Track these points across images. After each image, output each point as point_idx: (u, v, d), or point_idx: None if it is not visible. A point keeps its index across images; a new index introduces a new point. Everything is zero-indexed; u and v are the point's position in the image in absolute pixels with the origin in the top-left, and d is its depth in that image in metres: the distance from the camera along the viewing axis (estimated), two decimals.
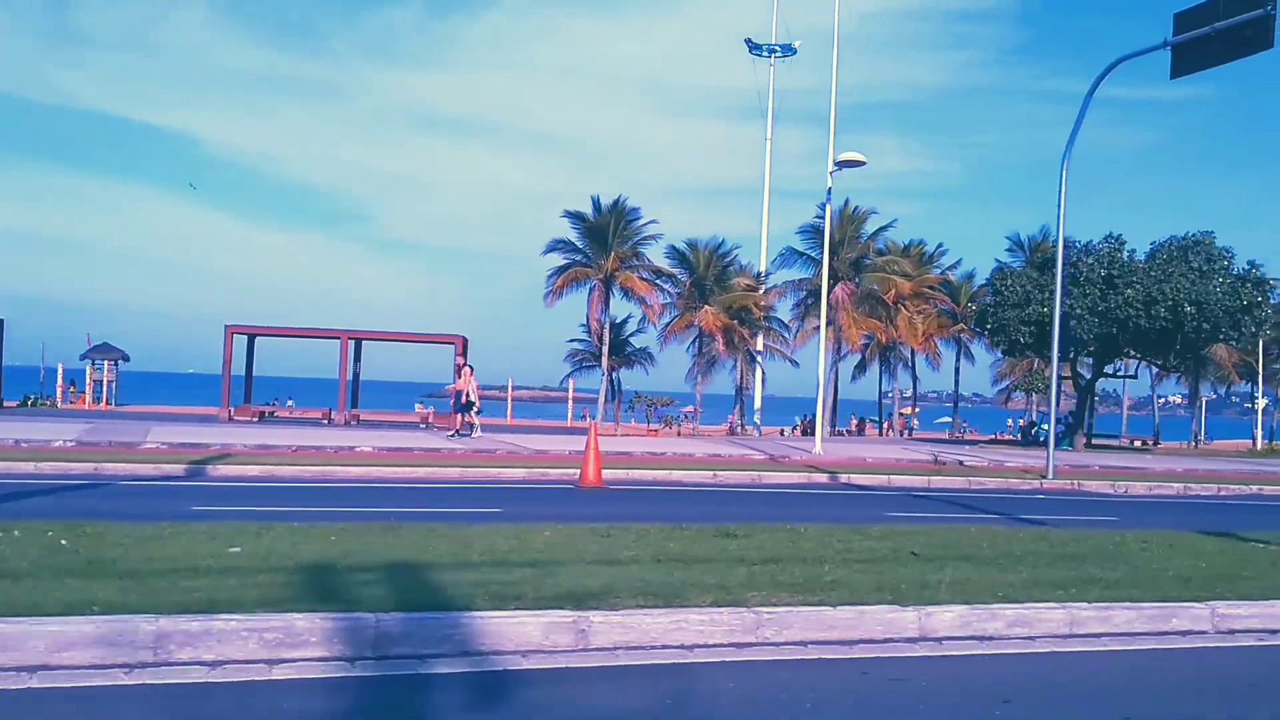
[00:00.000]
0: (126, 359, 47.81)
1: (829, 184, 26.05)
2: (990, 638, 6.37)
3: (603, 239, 46.74)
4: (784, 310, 52.25)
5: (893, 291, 51.71)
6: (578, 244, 47.17)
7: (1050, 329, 31.11)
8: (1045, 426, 40.56)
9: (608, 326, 47.83)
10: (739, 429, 51.70)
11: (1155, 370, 35.16)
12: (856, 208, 47.88)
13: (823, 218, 48.17)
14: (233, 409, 30.38)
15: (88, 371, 45.40)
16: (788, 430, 53.34)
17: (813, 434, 30.62)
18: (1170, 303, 31.09)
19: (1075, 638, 6.54)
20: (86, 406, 42.02)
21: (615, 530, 8.57)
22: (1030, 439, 39.28)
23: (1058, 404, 20.33)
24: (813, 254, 49.95)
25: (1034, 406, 63.93)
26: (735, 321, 54.76)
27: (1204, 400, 63.96)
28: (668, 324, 52.54)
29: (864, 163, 23.49)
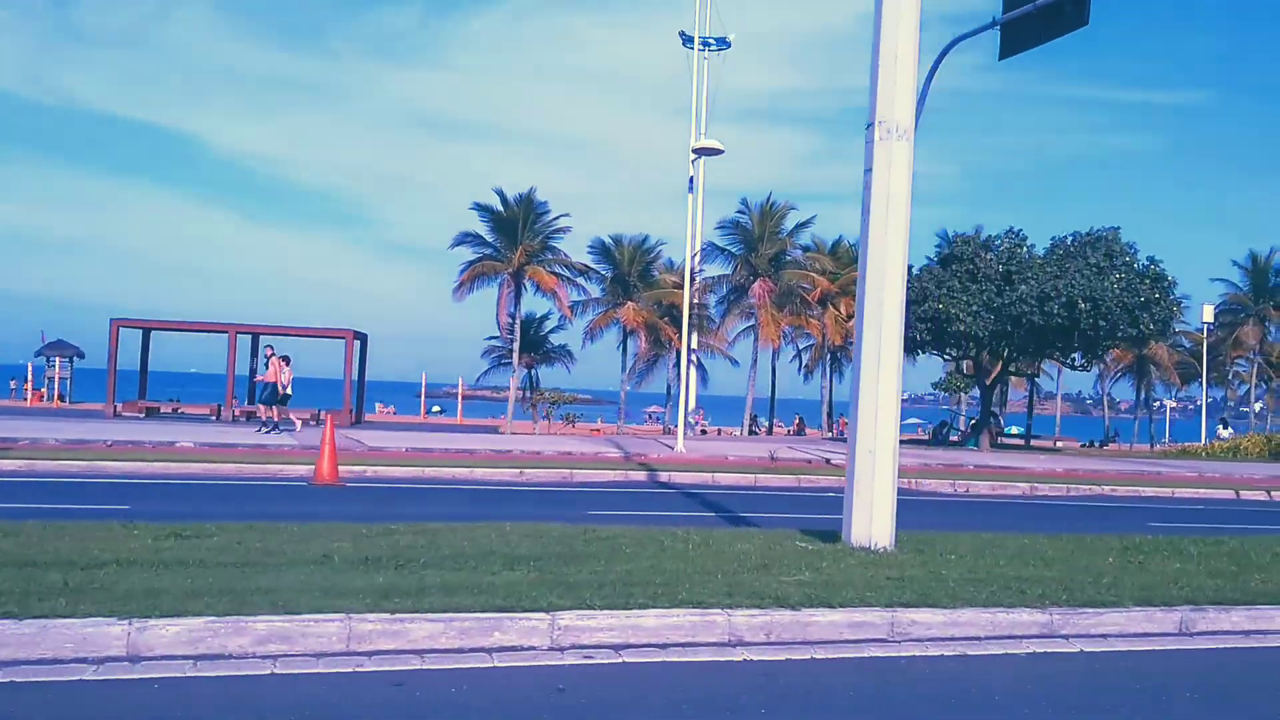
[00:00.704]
0: (81, 355, 47.94)
1: (690, 172, 25.70)
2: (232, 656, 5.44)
3: (512, 232, 46.22)
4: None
5: (818, 290, 51.69)
6: (487, 238, 46.65)
7: (947, 325, 31.81)
8: (957, 425, 40.57)
9: (518, 322, 47.30)
10: (670, 429, 51.40)
11: (1079, 369, 34.70)
12: (775, 203, 47.58)
13: (745, 213, 49.22)
14: (120, 404, 30.69)
15: (46, 369, 46.28)
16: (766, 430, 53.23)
17: (802, 434, 29.43)
18: (1065, 299, 30.65)
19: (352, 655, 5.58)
20: (40, 404, 43.65)
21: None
22: (940, 439, 38.99)
23: (898, 404, 19.28)
24: (733, 249, 49.62)
25: (969, 405, 64.08)
26: (665, 319, 55.07)
27: (1166, 404, 64.45)
28: (592, 321, 52.60)
29: (721, 150, 23.47)
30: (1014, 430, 50.23)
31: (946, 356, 38.00)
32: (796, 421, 58.99)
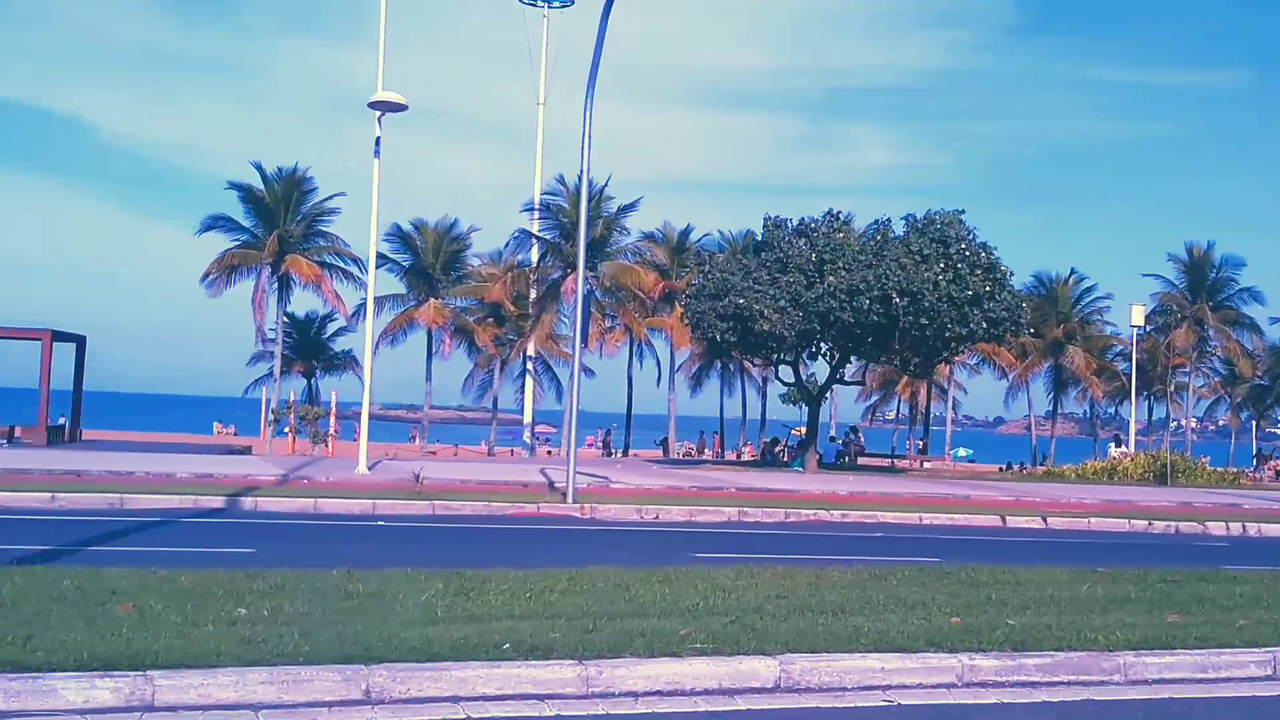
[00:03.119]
0: None
1: (377, 132, 23.10)
2: None
3: (273, 215, 43.10)
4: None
5: (658, 286, 50.38)
6: (243, 222, 43.50)
7: (752, 322, 30.26)
8: (789, 444, 39.35)
9: (280, 321, 44.17)
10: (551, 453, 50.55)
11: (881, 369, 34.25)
12: (592, 181, 45.41)
13: (560, 194, 47.18)
14: None
15: None
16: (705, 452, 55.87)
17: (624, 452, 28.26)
18: (877, 293, 29.35)
19: None
20: None
21: None
22: (770, 458, 37.53)
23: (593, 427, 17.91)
24: (548, 236, 47.50)
25: (888, 421, 63.44)
26: (484, 320, 53.58)
27: (1185, 423, 63.47)
28: (389, 323, 50.49)
29: (405, 106, 21.38)
30: (909, 448, 50.08)
31: (755, 362, 37.09)
32: (689, 446, 59.18)
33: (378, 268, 47.52)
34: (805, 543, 16.26)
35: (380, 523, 16.28)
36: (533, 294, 50.09)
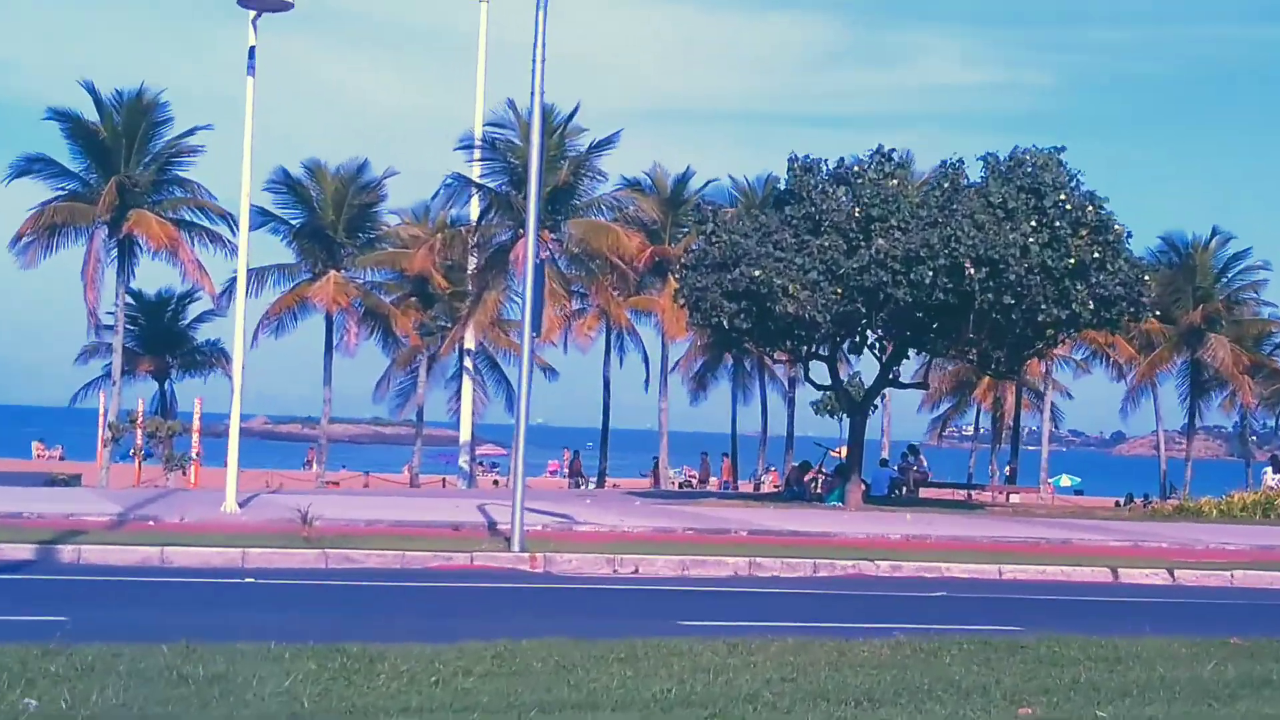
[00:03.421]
0: None
1: (251, 39, 23.25)
2: None
3: (110, 156, 43.11)
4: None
5: (644, 254, 50.66)
6: (69, 164, 43.56)
7: (772, 303, 30.43)
8: (824, 470, 39.60)
9: (121, 302, 44.19)
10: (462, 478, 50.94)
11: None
12: (553, 106, 45.62)
13: (512, 126, 47.25)
14: None
15: None
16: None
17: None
18: (944, 261, 29.51)
19: None
20: None
21: None
22: (799, 490, 37.78)
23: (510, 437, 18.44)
24: (493, 184, 47.64)
25: (889, 438, 63.83)
26: (406, 300, 53.76)
27: None
28: (277, 302, 50.62)
29: (290, 3, 21.92)
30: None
31: (777, 357, 37.24)
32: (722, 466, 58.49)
33: (256, 228, 47.90)
34: (837, 605, 16.31)
35: (250, 579, 16.30)
36: (472, 263, 50.09)
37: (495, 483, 60.50)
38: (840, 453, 45.96)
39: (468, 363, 51.78)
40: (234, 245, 42.56)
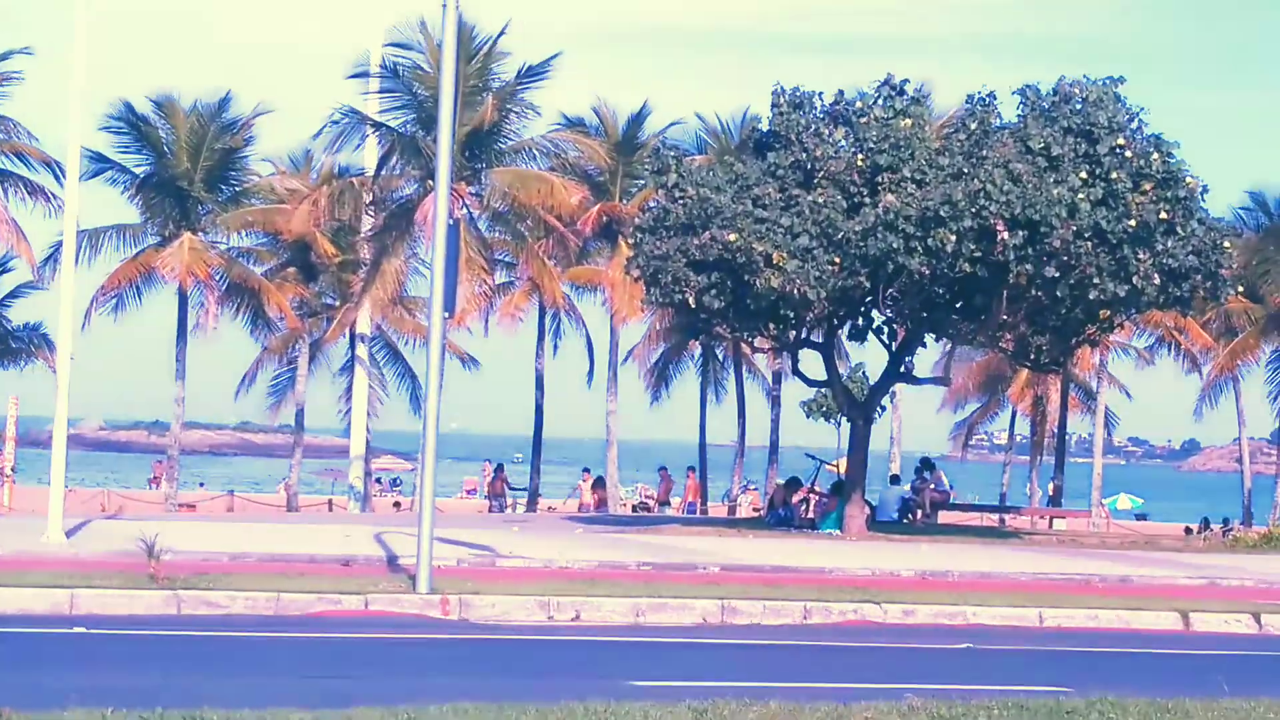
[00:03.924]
0: None
1: None
2: None
3: None
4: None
5: (597, 211, 50.93)
6: None
7: (751, 274, 30.60)
8: (818, 489, 39.72)
9: None
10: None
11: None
12: (471, 24, 45.64)
13: (418, 47, 47.19)
14: None
15: None
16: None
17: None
18: (971, 223, 29.80)
19: None
20: None
21: None
22: (786, 514, 37.88)
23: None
24: (396, 122, 47.68)
25: (898, 448, 64.24)
26: (287, 268, 53.67)
27: None
28: (115, 273, 50.49)
29: None
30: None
31: (758, 344, 37.39)
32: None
33: (90, 177, 47.97)
34: (834, 661, 16.35)
35: (81, 629, 16.24)
36: (367, 225, 50.12)
37: (396, 505, 60.58)
38: (838, 466, 46.10)
39: (361, 351, 51.76)
40: (60, 200, 42.46)
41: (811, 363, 37.60)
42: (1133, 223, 30.33)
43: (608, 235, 52.13)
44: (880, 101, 32.56)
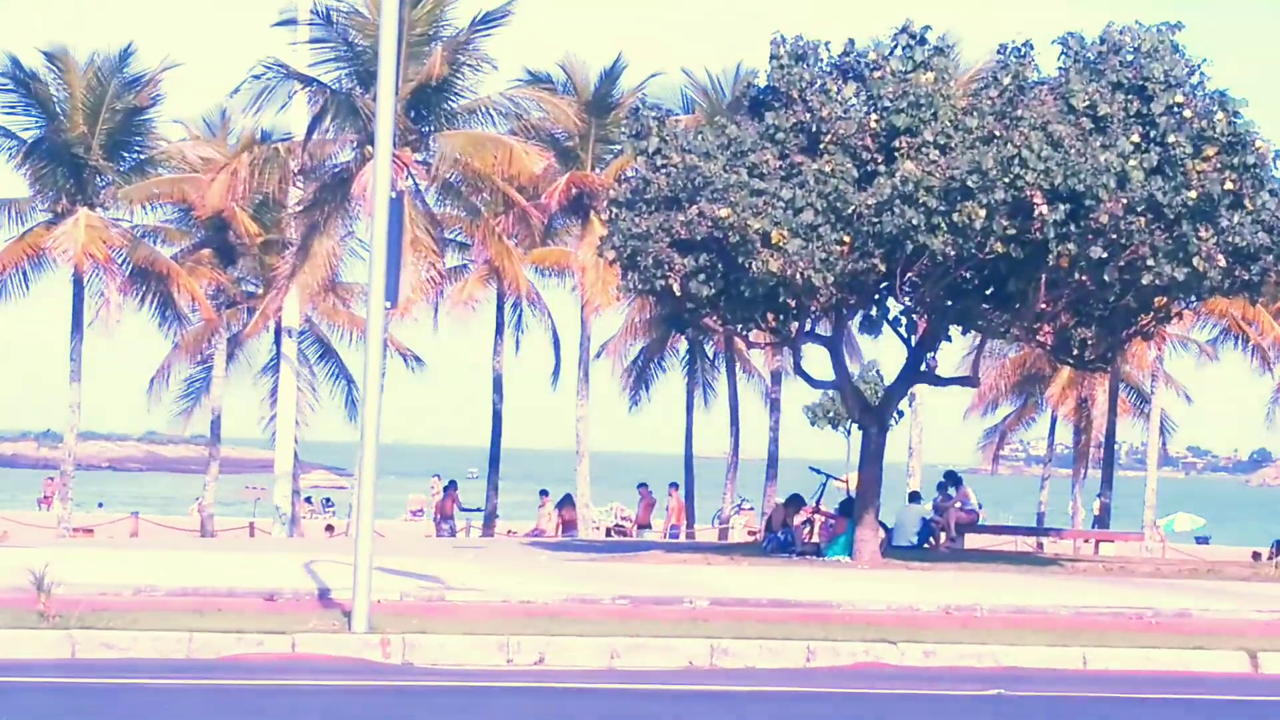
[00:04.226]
0: None
1: None
2: None
3: None
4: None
5: (565, 183, 51.09)
6: None
7: (746, 256, 30.69)
8: (824, 509, 39.80)
9: None
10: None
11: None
12: None
13: None
14: None
15: None
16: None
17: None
18: (1003, 195, 30.04)
19: None
20: None
21: None
22: (786, 539, 38.01)
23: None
24: (329, 77, 47.89)
25: (917, 464, 64.42)
26: (201, 250, 53.68)
27: None
28: None
29: None
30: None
31: (753, 338, 37.50)
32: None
33: None
34: (841, 710, 16.36)
35: None
36: (294, 199, 50.08)
37: (329, 529, 60.61)
38: (847, 482, 46.18)
39: (288, 348, 51.73)
40: None
41: (817, 360, 37.73)
42: (1193, 194, 30.37)
43: (578, 210, 52.18)
44: (897, 52, 32.56)
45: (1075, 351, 35.55)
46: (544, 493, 59.07)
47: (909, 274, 31.85)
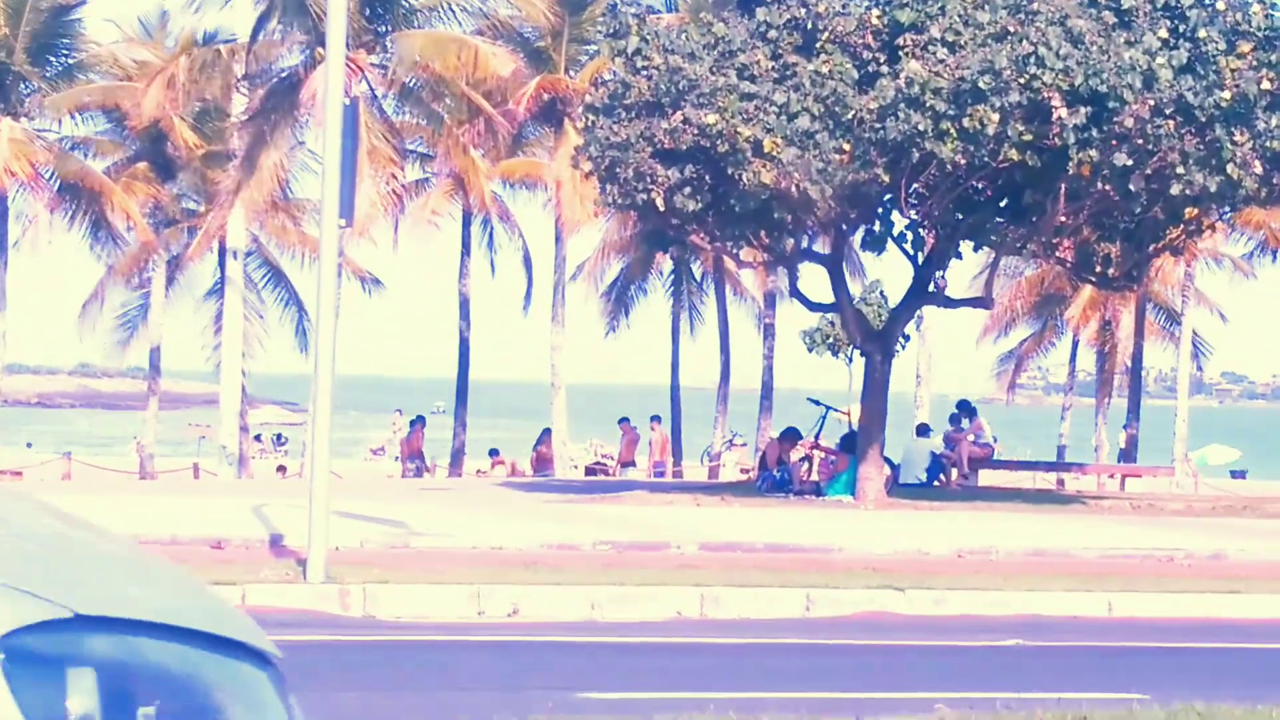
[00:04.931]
0: None
1: None
2: None
3: None
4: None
5: (535, 88, 51.06)
6: None
7: (736, 166, 30.66)
8: (823, 444, 39.91)
9: None
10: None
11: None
12: None
13: None
14: None
15: None
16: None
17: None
18: (1018, 97, 30.10)
19: None
20: None
21: None
22: (781, 477, 38.09)
23: None
24: None
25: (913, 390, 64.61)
26: (136, 163, 53.64)
27: None
28: None
29: None
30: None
31: (744, 256, 37.46)
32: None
33: None
34: (842, 663, 16.46)
35: None
36: (239, 107, 50.02)
37: (281, 469, 60.63)
38: (849, 414, 46.26)
39: (233, 271, 51.73)
40: None
41: (815, 281, 37.76)
42: (1227, 95, 30.45)
43: (551, 118, 52.18)
44: None
45: (1098, 269, 35.68)
46: (494, 453, 58.86)
47: (915, 185, 31.88)
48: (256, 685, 2.59)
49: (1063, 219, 32.60)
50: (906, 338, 40.60)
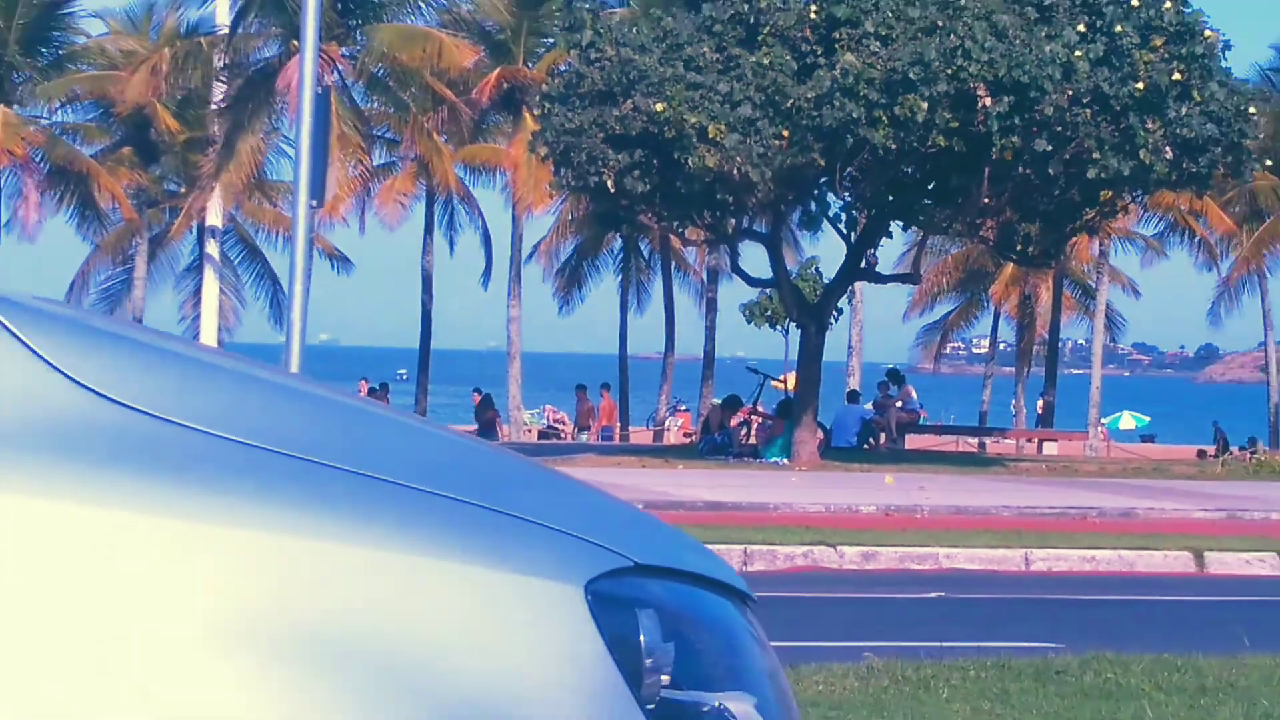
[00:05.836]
0: None
1: None
2: None
3: None
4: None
5: (496, 77, 51.08)
6: None
7: (682, 151, 30.67)
8: (761, 409, 39.92)
9: None
10: None
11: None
12: None
13: None
14: None
15: None
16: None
17: None
18: (946, 87, 30.19)
19: None
20: None
21: None
22: (722, 439, 38.11)
23: None
24: None
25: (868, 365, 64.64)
26: (122, 148, 53.39)
27: None
28: None
29: None
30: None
31: (688, 236, 37.47)
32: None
33: None
34: (779, 613, 16.37)
35: None
36: (218, 94, 49.65)
37: None
38: (785, 382, 46.29)
39: (212, 249, 51.33)
40: None
41: (754, 258, 37.71)
42: (1140, 85, 30.54)
43: (510, 106, 51.99)
44: None
45: (1019, 247, 35.70)
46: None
47: (849, 169, 31.93)
48: (744, 622, 2.66)
49: (986, 201, 32.63)
50: (839, 311, 40.58)
